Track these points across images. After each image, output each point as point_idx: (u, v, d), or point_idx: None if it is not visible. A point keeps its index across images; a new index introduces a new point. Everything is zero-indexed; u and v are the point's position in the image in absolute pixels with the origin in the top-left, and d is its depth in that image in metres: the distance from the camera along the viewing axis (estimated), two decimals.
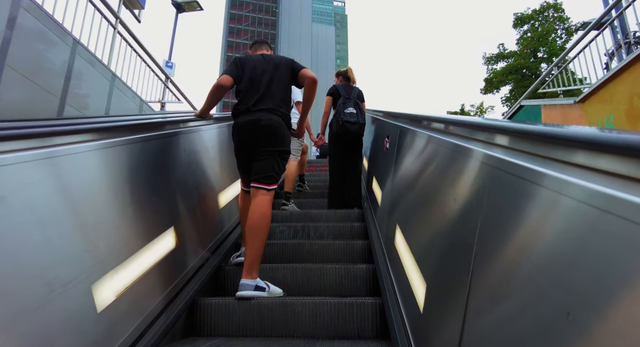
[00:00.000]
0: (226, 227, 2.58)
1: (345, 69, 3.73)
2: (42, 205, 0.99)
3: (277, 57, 2.23)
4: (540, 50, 18.76)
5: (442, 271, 1.08)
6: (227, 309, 1.74)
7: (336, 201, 3.52)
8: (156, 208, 1.62)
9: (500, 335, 0.68)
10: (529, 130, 0.72)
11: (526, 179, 0.67)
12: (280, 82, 2.14)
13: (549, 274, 0.56)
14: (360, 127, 3.40)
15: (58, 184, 1.07)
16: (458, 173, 1.06)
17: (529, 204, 0.66)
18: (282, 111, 2.12)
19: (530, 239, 0.65)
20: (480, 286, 0.79)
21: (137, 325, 1.32)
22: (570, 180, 0.55)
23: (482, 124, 1.00)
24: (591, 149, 0.53)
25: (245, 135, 2.10)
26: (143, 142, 1.59)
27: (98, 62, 4.12)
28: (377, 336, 1.67)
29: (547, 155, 0.65)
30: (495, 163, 0.83)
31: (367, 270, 2.07)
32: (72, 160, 1.14)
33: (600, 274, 0.46)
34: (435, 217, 1.21)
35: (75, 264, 1.06)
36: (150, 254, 1.48)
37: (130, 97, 4.97)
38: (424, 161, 1.51)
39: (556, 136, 0.63)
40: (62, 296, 0.98)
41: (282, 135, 2.09)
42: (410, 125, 1.91)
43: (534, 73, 18.52)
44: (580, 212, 0.52)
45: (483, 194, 0.86)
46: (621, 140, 0.47)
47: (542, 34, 18.43)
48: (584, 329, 0.47)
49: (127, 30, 5.07)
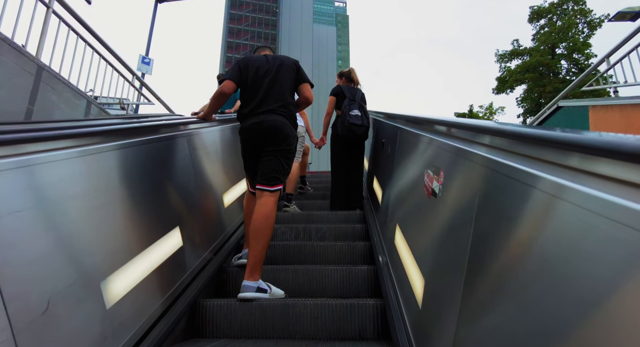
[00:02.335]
0: (228, 228, 2.59)
1: (348, 70, 3.69)
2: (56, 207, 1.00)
3: (281, 56, 2.22)
4: (560, 46, 17.49)
5: (439, 271, 1.11)
6: (229, 310, 1.75)
7: (338, 202, 3.52)
8: (160, 211, 1.63)
9: (491, 334, 0.71)
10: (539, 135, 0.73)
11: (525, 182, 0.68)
12: (284, 82, 2.14)
13: (543, 277, 0.57)
14: (365, 130, 3.38)
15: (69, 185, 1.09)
16: (456, 175, 1.07)
17: (524, 206, 0.67)
18: (286, 111, 2.11)
19: (524, 239, 0.66)
20: (474, 285, 0.82)
21: (140, 326, 1.34)
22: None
23: (482, 127, 1.00)
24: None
25: (251, 139, 2.11)
26: (147, 144, 1.61)
27: (14, 49, 3.07)
28: (379, 337, 1.67)
29: (536, 156, 0.67)
30: (491, 165, 0.85)
31: (368, 271, 2.08)
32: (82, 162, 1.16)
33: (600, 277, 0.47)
34: (434, 219, 1.22)
35: (81, 264, 1.08)
36: (153, 256, 1.50)
37: (72, 98, 3.86)
38: (423, 162, 1.52)
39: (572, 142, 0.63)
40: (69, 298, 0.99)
41: (286, 134, 2.08)
42: (409, 127, 1.92)
43: (553, 71, 17.50)
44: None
45: (477, 195, 0.88)
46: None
47: (563, 28, 17.06)
48: (579, 330, 0.48)
49: (70, 13, 3.81)
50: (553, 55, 17.52)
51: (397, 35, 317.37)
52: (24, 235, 0.91)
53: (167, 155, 1.83)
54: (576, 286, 0.50)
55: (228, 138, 2.87)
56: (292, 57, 2.25)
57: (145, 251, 1.44)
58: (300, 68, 2.22)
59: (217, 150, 2.62)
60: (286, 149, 2.09)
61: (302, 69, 2.24)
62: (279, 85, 2.12)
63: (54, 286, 0.97)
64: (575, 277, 0.50)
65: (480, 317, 0.77)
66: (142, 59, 7.49)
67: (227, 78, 2.13)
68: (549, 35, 17.41)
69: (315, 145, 3.89)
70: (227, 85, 2.11)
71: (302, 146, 3.80)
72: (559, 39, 17.19)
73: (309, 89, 2.20)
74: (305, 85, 2.20)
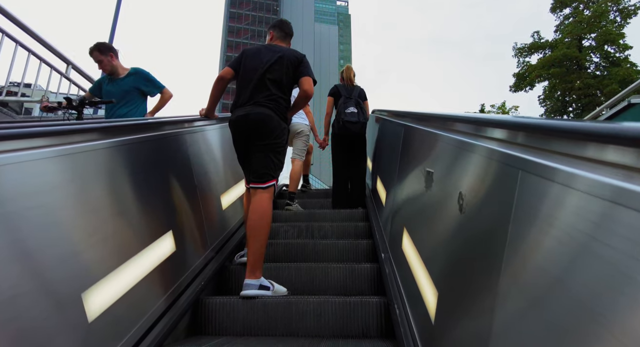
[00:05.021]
0: (231, 226, 2.59)
1: (343, 69, 3.73)
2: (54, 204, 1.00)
3: (285, 49, 2.18)
4: (588, 37, 15.38)
5: (458, 279, 0.99)
6: (232, 308, 1.74)
7: (340, 201, 3.52)
8: (162, 208, 1.63)
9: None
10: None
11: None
12: (278, 75, 2.07)
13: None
14: (361, 127, 3.40)
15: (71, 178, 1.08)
16: (477, 174, 0.98)
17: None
18: (274, 104, 2.05)
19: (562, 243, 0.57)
20: (511, 294, 0.69)
21: (142, 323, 1.33)
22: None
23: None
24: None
25: (237, 131, 2.08)
26: (154, 141, 1.60)
27: None
28: (382, 335, 1.66)
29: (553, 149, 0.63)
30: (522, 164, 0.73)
31: (371, 269, 2.07)
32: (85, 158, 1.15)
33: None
34: (449, 221, 1.14)
35: (85, 261, 1.07)
36: (154, 254, 1.49)
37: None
38: (432, 161, 1.50)
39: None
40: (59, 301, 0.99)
41: (272, 128, 2.02)
42: (415, 124, 1.90)
43: (582, 66, 15.33)
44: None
45: (512, 196, 0.75)
46: None
47: (592, 18, 14.93)
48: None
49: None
50: (580, 48, 15.44)
51: (402, 34, 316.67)
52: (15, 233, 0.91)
53: (173, 153, 1.83)
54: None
55: (228, 136, 2.86)
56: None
57: (147, 248, 1.44)
58: (303, 62, 2.14)
59: (219, 148, 2.61)
60: (274, 143, 2.03)
61: (306, 63, 2.16)
62: (272, 77, 2.06)
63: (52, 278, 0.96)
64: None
65: (522, 327, 0.65)
66: None
67: (228, 65, 2.17)
68: (576, 25, 15.28)
69: (319, 145, 3.91)
70: (225, 70, 2.14)
71: (306, 145, 3.80)
72: (587, 30, 15.07)
73: (308, 83, 2.10)
74: (306, 78, 2.10)
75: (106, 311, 1.13)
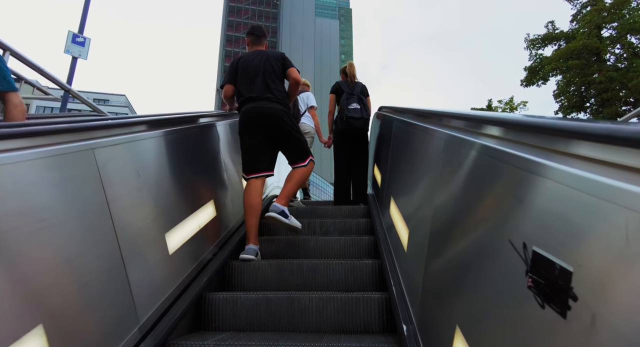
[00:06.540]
0: (233, 223, 2.60)
1: (345, 65, 3.71)
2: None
3: (268, 51, 2.53)
4: (607, 27, 14.28)
5: (439, 259, 1.15)
6: (235, 303, 1.76)
7: (342, 197, 3.53)
8: (206, 183, 2.06)
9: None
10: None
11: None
12: (272, 72, 2.40)
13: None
14: (364, 123, 3.39)
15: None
16: (463, 168, 1.06)
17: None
18: (282, 96, 2.39)
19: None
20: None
21: (196, 265, 1.75)
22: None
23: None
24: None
25: (254, 124, 2.34)
26: (177, 134, 1.87)
27: None
28: (384, 330, 1.68)
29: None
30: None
31: (373, 265, 2.09)
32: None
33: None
34: (438, 209, 1.21)
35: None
36: (203, 215, 1.96)
37: None
38: (430, 156, 1.51)
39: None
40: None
41: (286, 119, 2.37)
42: (415, 120, 1.91)
43: (602, 58, 14.22)
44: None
45: (491, 188, 0.86)
46: None
47: (617, 4, 13.71)
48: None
49: None
50: (600, 39, 14.36)
51: (405, 29, 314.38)
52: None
53: (191, 146, 2.09)
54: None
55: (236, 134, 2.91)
56: (293, 52, 2.43)
57: (199, 210, 1.93)
58: (285, 57, 2.49)
59: (228, 144, 2.61)
60: (292, 129, 2.39)
61: (287, 58, 2.52)
62: (268, 74, 2.39)
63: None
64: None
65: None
66: (74, 38, 5.57)
67: (224, 84, 2.50)
68: (597, 13, 14.08)
69: (325, 144, 3.93)
70: (225, 90, 2.49)
71: (311, 143, 3.84)
72: (608, 19, 13.94)
73: (294, 72, 2.45)
74: (292, 69, 2.46)
75: (179, 249, 1.62)
